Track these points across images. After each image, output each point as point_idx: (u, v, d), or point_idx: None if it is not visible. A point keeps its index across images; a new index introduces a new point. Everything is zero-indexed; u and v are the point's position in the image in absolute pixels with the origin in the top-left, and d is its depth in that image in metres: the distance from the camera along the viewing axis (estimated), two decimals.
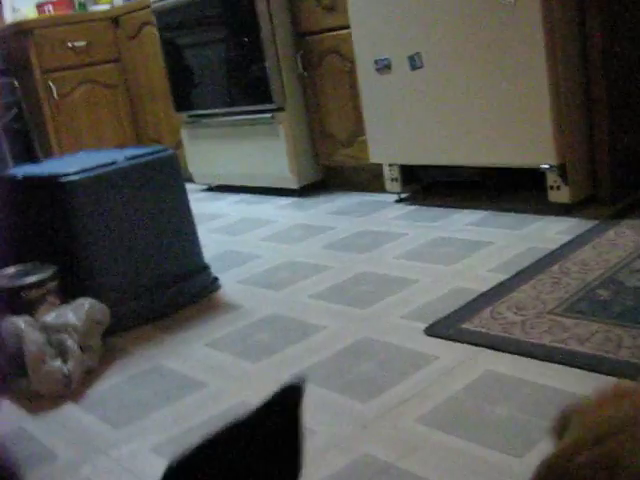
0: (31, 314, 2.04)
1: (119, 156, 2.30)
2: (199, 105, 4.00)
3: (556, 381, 1.53)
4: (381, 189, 3.31)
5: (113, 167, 2.22)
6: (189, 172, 4.24)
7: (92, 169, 2.19)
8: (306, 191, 3.60)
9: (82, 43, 4.62)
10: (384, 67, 2.96)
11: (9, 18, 5.03)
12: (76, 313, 1.99)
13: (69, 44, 4.58)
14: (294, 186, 3.60)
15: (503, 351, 1.70)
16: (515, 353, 1.68)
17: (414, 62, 2.84)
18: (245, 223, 3.31)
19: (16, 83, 4.24)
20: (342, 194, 3.51)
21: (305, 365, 1.80)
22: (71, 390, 1.88)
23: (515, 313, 1.88)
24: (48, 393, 1.88)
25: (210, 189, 4.25)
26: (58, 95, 4.54)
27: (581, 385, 1.49)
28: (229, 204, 3.79)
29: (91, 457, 1.56)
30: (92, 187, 2.15)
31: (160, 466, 1.43)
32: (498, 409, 1.47)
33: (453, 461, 1.33)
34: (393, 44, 2.90)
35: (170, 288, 2.32)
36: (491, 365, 1.65)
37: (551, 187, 2.60)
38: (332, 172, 3.66)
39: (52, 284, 2.15)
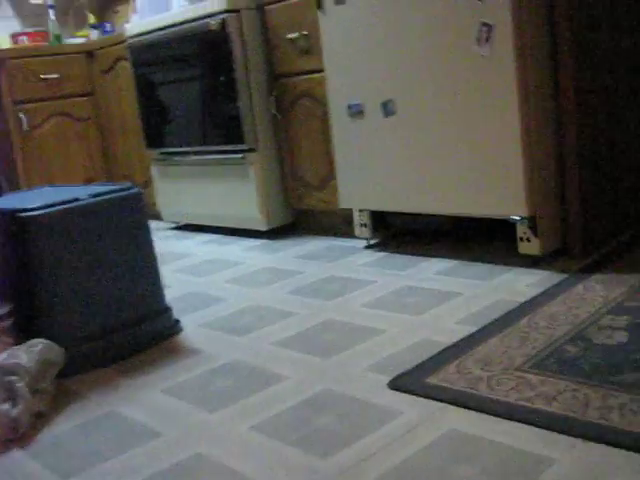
0: None
1: (83, 193, 2.25)
2: (170, 143, 3.96)
3: (521, 441, 1.48)
4: (351, 234, 3.28)
5: (75, 204, 2.16)
6: (158, 209, 4.19)
7: (54, 205, 2.13)
8: (275, 233, 3.56)
9: (55, 75, 4.58)
10: (357, 112, 2.94)
11: None
12: (29, 354, 1.92)
13: (42, 76, 4.54)
14: (263, 228, 3.56)
15: (468, 408, 1.66)
16: (480, 410, 1.64)
17: (387, 108, 2.82)
18: (212, 264, 3.25)
19: None
20: (312, 238, 3.48)
21: (263, 416, 1.74)
22: (18, 435, 1.80)
23: (482, 369, 1.84)
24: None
25: (178, 228, 4.20)
26: (28, 126, 4.49)
27: (547, 446, 1.44)
28: (197, 244, 3.74)
29: None
30: (52, 223, 2.09)
31: None
32: (462, 469, 1.41)
33: None
34: (367, 89, 2.89)
35: (129, 330, 2.25)
36: (455, 422, 1.60)
37: (521, 239, 2.58)
38: (302, 215, 3.63)
39: (5, 323, 2.08)
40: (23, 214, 2.08)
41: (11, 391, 1.84)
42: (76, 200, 2.17)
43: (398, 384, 1.81)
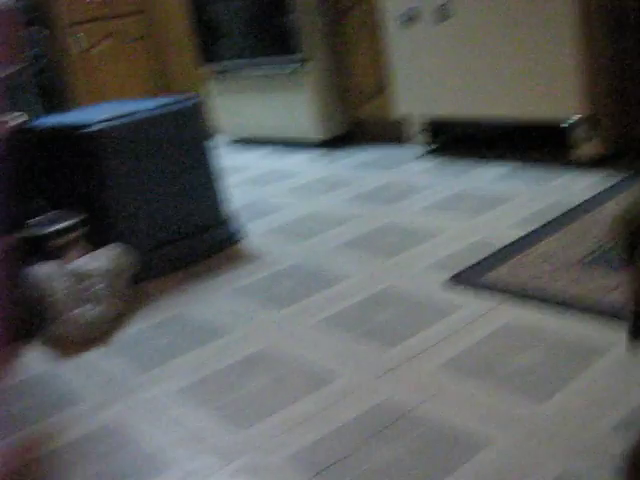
0: (59, 260, 2.07)
1: (145, 105, 2.31)
2: (225, 57, 3.98)
3: (580, 330, 1.53)
4: (406, 142, 3.30)
5: (139, 116, 2.22)
6: (215, 124, 4.24)
7: (117, 118, 2.19)
8: (332, 144, 3.60)
9: None
10: (412, 17, 2.92)
11: None
12: (105, 259, 2.02)
13: None
14: (319, 139, 3.59)
15: (527, 301, 1.70)
16: (540, 302, 1.68)
17: (443, 12, 2.80)
18: (272, 175, 3.31)
19: (42, 35, 4.24)
20: (368, 147, 3.50)
21: (329, 312, 1.81)
22: (99, 335, 1.91)
23: (541, 263, 1.87)
24: (76, 338, 1.91)
25: (237, 141, 4.25)
26: (84, 47, 4.54)
27: (603, 336, 1.49)
28: (255, 157, 3.79)
29: (119, 399, 1.59)
30: (117, 136, 2.16)
31: (185, 408, 1.47)
32: (521, 357, 1.47)
33: (474, 407, 1.34)
34: None
35: (196, 237, 2.33)
36: (515, 314, 1.65)
37: (578, 140, 2.57)
38: (358, 125, 3.65)
39: (80, 231, 2.17)
40: (89, 128, 2.15)
41: (90, 294, 1.94)
42: (139, 112, 2.23)
43: (458, 280, 1.87)
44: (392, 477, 1.18)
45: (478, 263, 1.95)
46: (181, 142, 2.28)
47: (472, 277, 1.87)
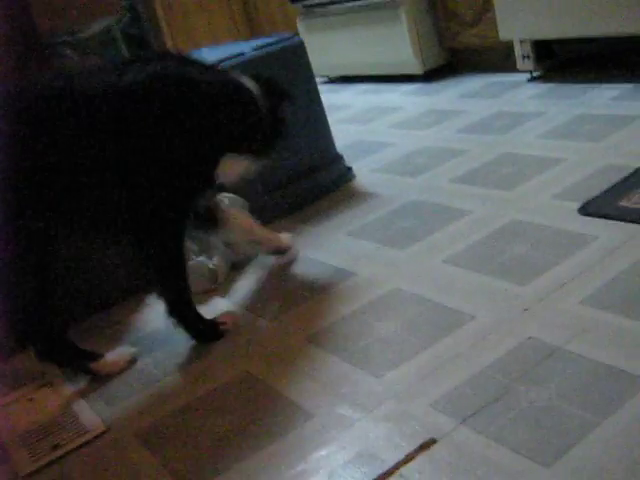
0: None
1: (246, 47, 2.25)
2: None
3: None
4: (512, 69, 3.14)
5: (242, 58, 2.16)
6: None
7: (221, 61, 2.14)
8: (431, 76, 3.47)
9: None
10: None
11: None
12: None
13: None
14: (419, 71, 3.47)
15: None
16: None
17: None
18: (372, 112, 3.22)
19: None
20: (470, 76, 3.36)
21: (454, 250, 1.74)
22: (218, 284, 1.89)
23: None
24: (195, 289, 1.89)
25: (331, 81, 4.16)
26: None
27: None
28: (353, 94, 3.70)
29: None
30: None
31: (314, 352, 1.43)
32: None
33: (624, 341, 1.26)
34: None
35: (306, 179, 2.28)
36: None
37: None
38: (458, 54, 3.50)
39: None
40: None
41: (206, 244, 1.92)
42: (242, 54, 2.17)
43: (589, 209, 1.76)
44: (546, 423, 1.11)
45: (609, 190, 1.83)
46: (288, 81, 2.21)
47: (604, 206, 1.76)
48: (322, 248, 1.96)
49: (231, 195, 2.03)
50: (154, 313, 1.80)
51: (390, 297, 1.61)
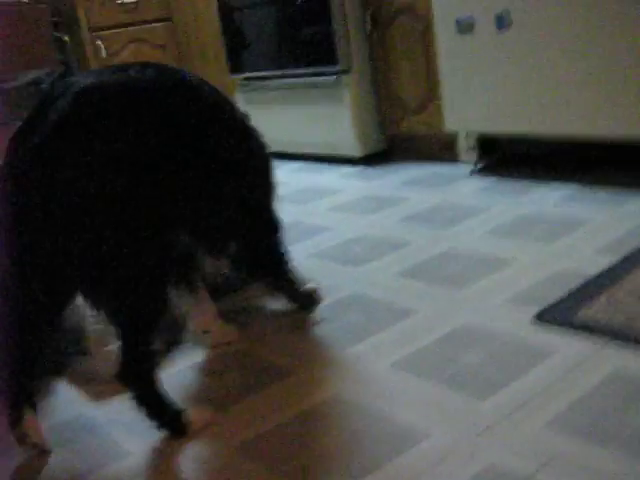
0: None
1: None
2: (256, 67, 3.78)
3: None
4: (453, 159, 3.10)
5: None
6: None
7: None
8: (371, 160, 3.38)
9: (132, 0, 4.42)
10: (466, 26, 2.71)
11: None
12: None
13: (119, 1, 4.38)
14: (358, 154, 3.38)
15: (631, 345, 1.48)
16: None
17: (501, 21, 2.60)
18: (309, 192, 3.09)
19: (66, 39, 4.05)
20: (410, 164, 3.28)
21: (402, 353, 1.59)
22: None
23: (637, 300, 1.66)
24: (109, 375, 1.69)
25: None
26: (107, 54, 4.35)
27: None
28: (288, 171, 3.58)
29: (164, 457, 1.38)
30: None
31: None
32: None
33: (595, 475, 1.12)
34: (478, 1, 2.65)
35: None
36: (620, 361, 1.43)
37: None
38: (399, 140, 3.43)
39: None
40: None
41: None
42: None
43: (547, 317, 1.65)
44: None
45: (567, 297, 1.72)
46: None
47: (562, 314, 1.65)
48: (258, 342, 1.79)
49: None
50: None
51: (330, 405, 1.45)
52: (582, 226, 2.18)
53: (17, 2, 2.82)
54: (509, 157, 3.00)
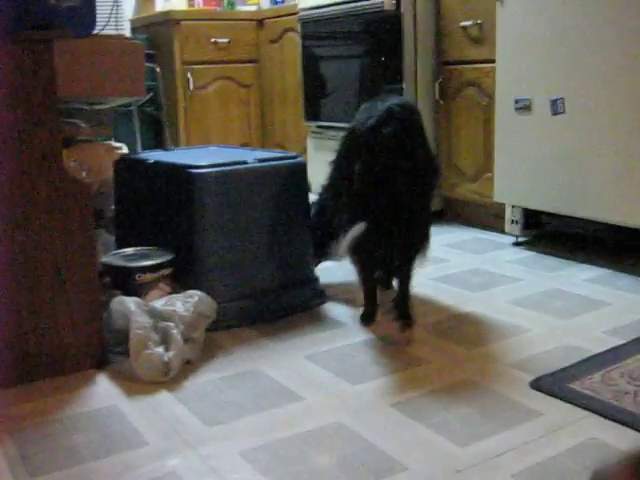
0: (140, 297, 2.08)
1: (250, 156, 2.33)
2: (329, 117, 4.02)
3: None
4: (499, 229, 3.26)
5: (244, 167, 2.23)
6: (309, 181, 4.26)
7: (223, 165, 2.21)
8: None
9: (225, 40, 4.72)
10: (524, 107, 2.90)
11: (160, 6, 5.19)
12: (185, 304, 2.02)
13: (212, 39, 4.68)
14: None
15: (611, 420, 1.62)
16: (624, 424, 1.60)
17: (556, 107, 2.77)
18: None
19: (158, 69, 4.35)
20: (459, 227, 3.46)
21: (404, 397, 1.76)
22: (168, 379, 1.89)
23: (629, 382, 1.79)
24: (146, 377, 1.90)
25: None
26: (194, 87, 4.65)
27: None
28: None
29: (179, 449, 1.57)
30: (220, 183, 2.18)
31: (246, 471, 1.43)
32: None
33: None
34: (537, 85, 2.84)
35: (278, 294, 2.32)
36: (597, 432, 1.57)
37: None
38: (452, 204, 3.61)
39: (166, 271, 2.18)
40: (194, 170, 2.17)
41: (166, 336, 1.93)
42: (244, 163, 2.25)
43: (541, 385, 1.80)
44: None
45: (562, 370, 1.87)
46: (281, 198, 2.28)
47: (555, 384, 1.80)
48: (276, 365, 1.98)
49: (200, 293, 2.07)
50: None
51: (330, 429, 1.62)
52: (600, 307, 2.32)
53: (118, 36, 3.11)
54: (550, 233, 3.15)
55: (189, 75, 4.62)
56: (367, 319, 2.25)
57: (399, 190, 2.04)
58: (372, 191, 2.05)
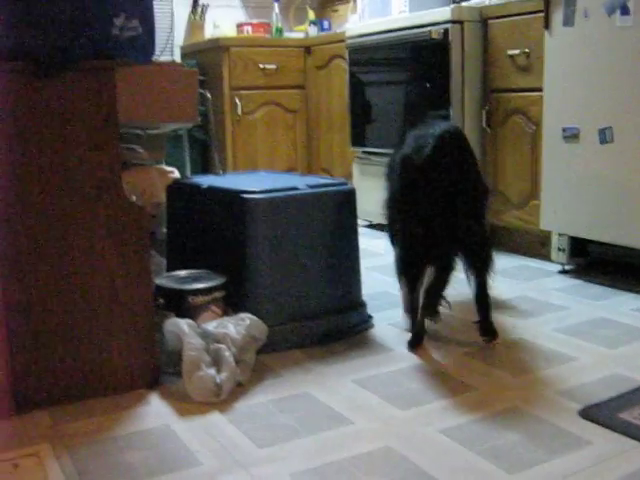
0: (193, 319, 2.12)
1: (301, 182, 2.37)
2: (374, 143, 4.06)
3: None
4: (546, 256, 3.26)
5: (295, 192, 2.28)
6: None
7: (274, 191, 2.26)
8: None
9: (273, 66, 4.79)
10: (572, 136, 2.91)
11: (209, 33, 5.29)
12: (237, 326, 2.06)
13: (260, 65, 4.76)
14: None
15: None
16: None
17: (604, 136, 2.78)
18: None
19: (208, 95, 4.43)
20: (505, 254, 3.47)
21: (452, 422, 1.78)
22: (220, 400, 1.93)
23: None
24: (198, 398, 1.94)
25: (371, 226, 4.29)
26: (242, 112, 4.72)
27: None
28: (388, 244, 3.80)
29: (231, 470, 1.60)
30: (272, 208, 2.22)
31: None
32: None
33: None
34: (585, 114, 2.85)
35: (326, 318, 2.35)
36: None
37: None
38: (497, 230, 3.62)
39: (219, 294, 2.23)
40: (248, 196, 2.22)
41: (218, 358, 1.98)
42: (295, 189, 2.29)
43: (590, 414, 1.80)
44: None
45: (612, 399, 1.88)
46: (331, 224, 2.32)
47: (605, 413, 1.80)
48: (325, 389, 2.01)
49: (251, 316, 2.11)
50: None
51: (380, 453, 1.65)
52: None
53: (173, 63, 3.19)
54: (597, 261, 3.14)
55: (237, 100, 4.70)
56: (414, 344, 2.29)
57: (461, 213, 2.17)
58: (434, 216, 2.16)
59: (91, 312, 1.96)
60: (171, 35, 4.46)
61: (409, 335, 2.33)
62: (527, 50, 3.23)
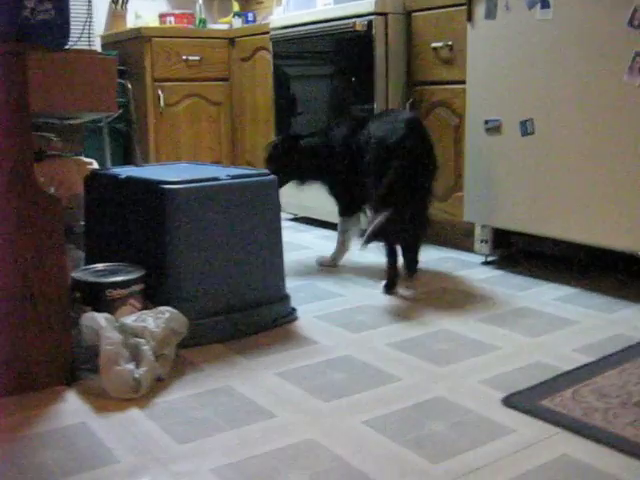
0: (111, 313, 2.06)
1: (221, 173, 2.32)
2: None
3: (634, 477, 1.46)
4: (469, 248, 3.28)
5: (215, 183, 2.23)
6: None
7: (194, 181, 2.21)
8: None
9: (196, 58, 4.72)
10: (494, 128, 2.93)
11: (131, 23, 5.18)
12: (156, 320, 2.00)
13: (184, 57, 4.68)
14: None
15: (582, 436, 1.64)
16: (595, 441, 1.62)
17: (525, 128, 2.80)
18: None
19: (129, 85, 4.34)
20: (429, 247, 3.47)
21: (376, 413, 1.76)
22: (139, 395, 1.88)
23: (598, 399, 1.81)
24: (116, 394, 1.88)
25: (296, 219, 4.26)
26: (165, 104, 4.64)
27: None
28: (314, 237, 3.79)
29: (150, 467, 1.55)
30: (192, 199, 2.17)
31: None
32: None
33: None
34: (507, 106, 2.87)
35: (249, 311, 2.31)
36: (568, 449, 1.58)
37: None
38: None
39: (137, 287, 2.16)
40: (167, 186, 2.16)
41: (136, 352, 1.92)
42: (216, 179, 2.24)
43: (512, 402, 1.81)
44: None
45: (533, 387, 1.89)
46: (253, 215, 2.28)
47: (526, 401, 1.81)
48: (248, 382, 1.97)
49: (171, 310, 2.05)
50: None
51: (302, 446, 1.62)
52: (570, 326, 2.34)
53: (91, 51, 3.09)
54: (520, 252, 3.18)
55: (160, 92, 4.62)
56: (390, 288, 2.75)
57: (424, 183, 2.72)
58: (404, 184, 2.62)
59: (3, 307, 1.87)
60: (88, 22, 4.35)
61: (385, 281, 2.76)
62: (450, 43, 3.24)
